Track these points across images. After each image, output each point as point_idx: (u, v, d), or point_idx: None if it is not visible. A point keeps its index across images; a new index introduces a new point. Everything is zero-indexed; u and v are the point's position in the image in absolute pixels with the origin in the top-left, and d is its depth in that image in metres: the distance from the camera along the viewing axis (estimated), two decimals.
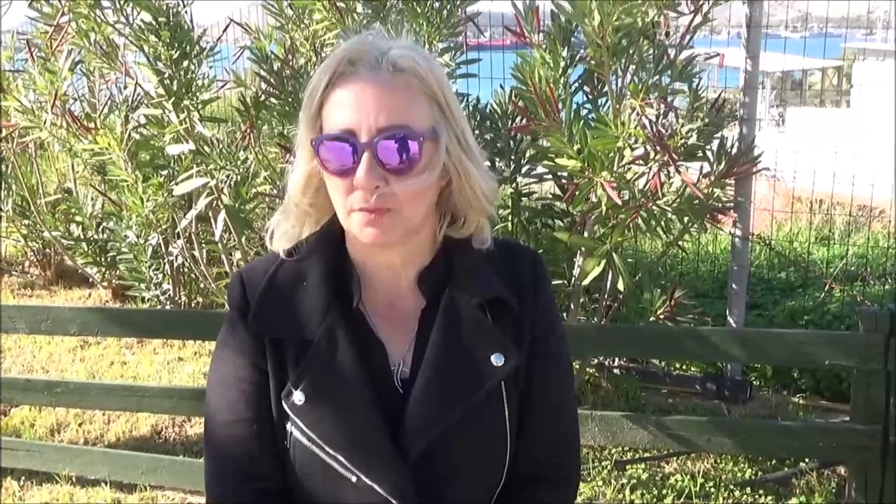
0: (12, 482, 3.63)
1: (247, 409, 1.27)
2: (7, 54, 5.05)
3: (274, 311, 1.27)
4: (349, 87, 1.18)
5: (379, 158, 1.15)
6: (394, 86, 1.17)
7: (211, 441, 1.31)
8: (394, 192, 1.17)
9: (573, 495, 1.39)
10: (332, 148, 1.18)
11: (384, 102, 1.16)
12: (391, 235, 1.20)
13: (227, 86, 4.16)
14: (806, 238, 5.55)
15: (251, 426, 1.26)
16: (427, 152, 1.18)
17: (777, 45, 6.43)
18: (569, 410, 1.37)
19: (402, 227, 1.20)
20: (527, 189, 3.94)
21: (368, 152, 1.15)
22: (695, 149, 3.27)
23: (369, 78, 1.17)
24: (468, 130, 1.26)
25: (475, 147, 1.26)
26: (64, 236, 5.74)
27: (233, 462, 1.27)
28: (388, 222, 1.18)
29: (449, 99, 1.22)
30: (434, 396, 1.22)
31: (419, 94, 1.19)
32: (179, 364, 4.81)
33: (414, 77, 1.18)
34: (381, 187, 1.16)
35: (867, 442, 2.71)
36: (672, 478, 3.48)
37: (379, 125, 1.15)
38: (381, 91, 1.16)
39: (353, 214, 1.19)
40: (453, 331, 1.25)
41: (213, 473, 1.30)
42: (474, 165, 1.25)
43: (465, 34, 3.82)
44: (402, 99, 1.17)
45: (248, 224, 4.03)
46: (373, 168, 1.15)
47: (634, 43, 3.12)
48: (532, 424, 1.29)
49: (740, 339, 2.97)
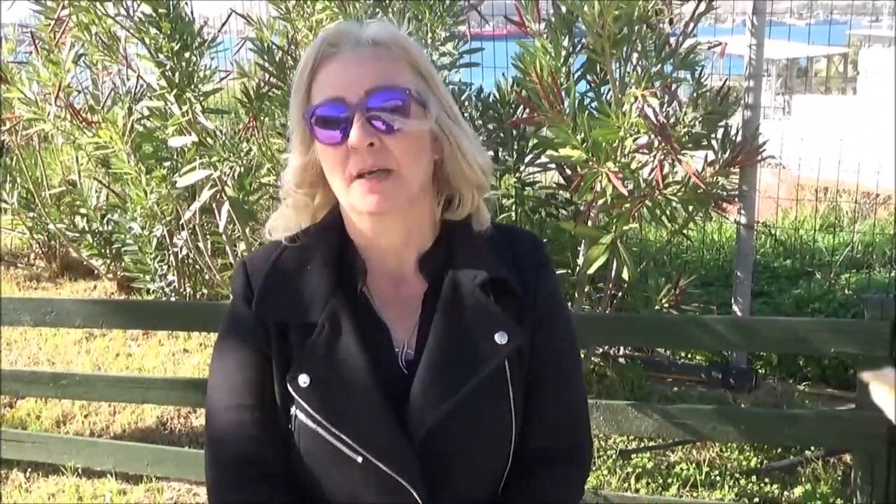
0: (18, 474, 3.65)
1: (249, 395, 1.27)
2: (10, 46, 5.05)
3: (278, 296, 1.27)
4: (333, 64, 1.21)
5: (369, 119, 1.18)
6: (376, 55, 1.21)
7: (212, 427, 1.31)
8: (389, 150, 1.19)
9: (586, 474, 1.40)
10: (323, 115, 1.21)
11: (368, 68, 1.20)
12: (393, 201, 1.21)
13: (230, 77, 4.15)
14: (811, 226, 5.54)
15: (253, 412, 1.27)
16: (415, 109, 1.21)
17: (782, 33, 6.40)
18: (578, 392, 1.38)
19: (403, 192, 1.21)
20: (530, 178, 3.93)
21: (359, 112, 1.18)
22: (699, 137, 3.26)
23: (351, 53, 1.21)
24: (454, 103, 1.29)
25: (463, 121, 1.29)
26: (69, 228, 5.74)
27: (232, 447, 1.27)
28: (389, 188, 1.20)
29: (431, 71, 1.26)
30: (438, 377, 1.22)
31: (401, 62, 1.23)
32: (185, 355, 4.81)
33: (394, 46, 1.22)
34: (377, 146, 1.18)
35: (873, 430, 2.70)
36: (677, 466, 3.48)
37: (365, 87, 1.19)
38: (364, 60, 1.21)
39: (353, 185, 1.21)
40: (456, 311, 1.25)
41: (214, 458, 1.30)
42: (464, 134, 1.27)
43: (469, 23, 3.81)
44: (384, 65, 1.21)
45: (251, 215, 4.03)
46: (364, 126, 1.18)
47: (636, 31, 3.11)
48: (542, 407, 1.30)
49: (745, 327, 2.97)
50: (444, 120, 1.25)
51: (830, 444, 3.27)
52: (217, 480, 1.29)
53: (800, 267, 4.94)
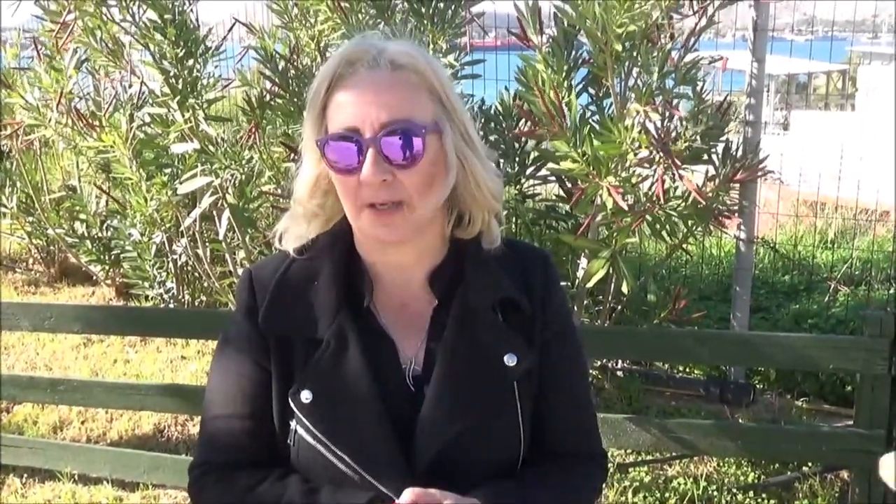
0: (15, 479, 3.63)
1: (244, 404, 1.28)
2: (13, 52, 5.05)
3: (284, 310, 1.27)
4: (350, 86, 1.19)
5: (384, 153, 1.16)
6: (393, 82, 1.18)
7: (203, 432, 1.33)
8: (402, 184, 1.18)
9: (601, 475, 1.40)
10: (337, 147, 1.19)
11: (385, 99, 1.17)
12: (403, 232, 1.20)
13: (233, 85, 4.16)
14: (810, 242, 5.54)
15: (245, 422, 1.28)
16: (431, 145, 1.19)
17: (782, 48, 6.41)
18: (587, 404, 1.38)
19: (414, 223, 1.21)
20: (531, 191, 3.94)
21: (373, 148, 1.16)
22: (699, 152, 3.27)
23: (369, 77, 1.18)
24: (472, 126, 1.26)
25: (479, 143, 1.27)
26: (68, 234, 5.74)
27: (220, 453, 1.29)
28: (399, 219, 1.19)
29: (450, 94, 1.23)
30: (447, 401, 1.22)
31: (419, 90, 1.20)
32: (182, 362, 4.81)
33: (413, 73, 1.19)
34: (389, 181, 1.17)
35: (871, 447, 2.71)
36: (675, 481, 3.48)
37: (381, 121, 1.16)
38: (381, 88, 1.17)
39: (363, 213, 1.20)
40: (466, 332, 1.25)
41: (199, 457, 1.32)
42: (479, 161, 1.26)
43: (470, 35, 3.82)
44: (402, 94, 1.18)
45: (251, 223, 4.03)
46: (378, 163, 1.16)
47: (637, 46, 3.12)
48: (554, 421, 1.31)
49: (744, 342, 2.97)
50: (461, 146, 1.23)
51: (828, 460, 3.26)
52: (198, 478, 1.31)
53: (798, 282, 4.94)
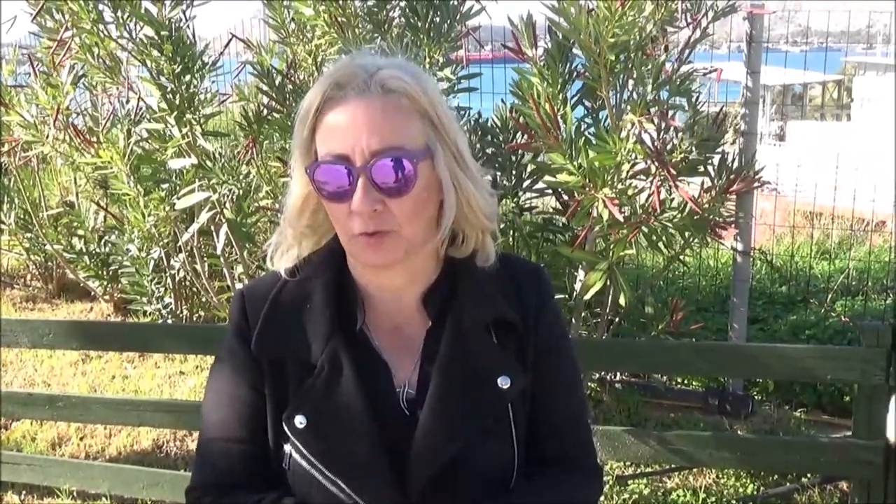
0: (13, 496, 3.62)
1: (239, 428, 1.28)
2: (9, 69, 5.06)
3: (277, 333, 1.26)
4: (339, 111, 1.16)
5: (374, 182, 1.14)
6: (384, 107, 1.16)
7: (199, 455, 1.32)
8: (392, 213, 1.16)
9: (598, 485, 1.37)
10: (327, 174, 1.17)
11: (376, 125, 1.15)
12: (394, 256, 1.19)
13: (230, 100, 4.17)
14: (807, 252, 5.55)
15: (240, 445, 1.27)
16: (422, 171, 1.17)
17: (777, 59, 6.44)
18: (582, 415, 1.37)
19: (404, 248, 1.20)
20: (528, 203, 3.95)
21: (363, 177, 1.14)
22: (695, 163, 3.28)
23: (359, 101, 1.16)
24: (464, 145, 1.24)
25: (472, 162, 1.25)
26: (66, 250, 5.74)
27: (216, 476, 1.29)
28: (389, 245, 1.18)
29: (442, 115, 1.20)
30: (440, 425, 1.21)
31: (410, 114, 1.17)
32: (181, 378, 4.80)
33: (404, 97, 1.17)
34: (379, 210, 1.16)
35: (869, 457, 2.70)
36: (674, 493, 3.47)
37: (372, 148, 1.14)
38: (371, 114, 1.15)
39: (353, 239, 1.19)
40: (459, 355, 1.24)
41: (196, 480, 1.31)
42: (471, 181, 1.24)
43: (466, 48, 3.83)
44: (393, 120, 1.16)
45: (249, 238, 4.04)
46: (369, 192, 1.15)
47: (631, 58, 3.13)
48: (546, 439, 1.30)
49: (741, 354, 2.97)
50: (454, 168, 1.21)
51: (827, 471, 3.26)
52: (195, 502, 1.30)
53: (795, 293, 4.95)
